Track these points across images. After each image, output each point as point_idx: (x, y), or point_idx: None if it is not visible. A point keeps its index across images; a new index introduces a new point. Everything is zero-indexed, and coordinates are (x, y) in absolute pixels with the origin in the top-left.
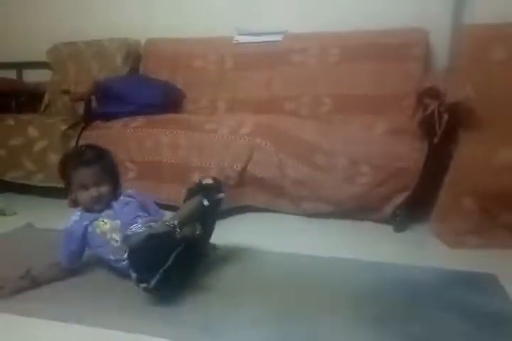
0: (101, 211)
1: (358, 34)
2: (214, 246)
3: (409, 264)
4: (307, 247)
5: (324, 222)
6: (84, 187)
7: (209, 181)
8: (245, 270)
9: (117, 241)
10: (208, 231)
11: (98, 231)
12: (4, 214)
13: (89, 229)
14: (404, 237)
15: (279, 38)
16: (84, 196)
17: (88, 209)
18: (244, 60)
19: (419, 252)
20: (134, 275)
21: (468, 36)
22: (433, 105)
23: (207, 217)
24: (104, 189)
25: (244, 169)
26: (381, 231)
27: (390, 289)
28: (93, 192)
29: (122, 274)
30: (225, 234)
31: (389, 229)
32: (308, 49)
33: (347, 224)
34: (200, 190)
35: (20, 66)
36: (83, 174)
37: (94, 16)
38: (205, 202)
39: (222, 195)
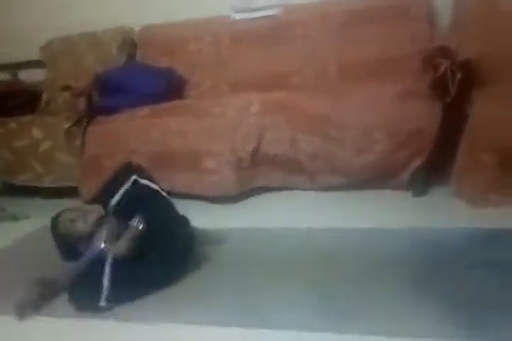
0: None
1: None
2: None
3: (434, 227)
4: (327, 220)
5: (341, 195)
6: None
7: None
8: (270, 248)
9: None
10: (159, 214)
11: None
12: (16, 219)
13: None
14: (424, 201)
15: (277, 11)
16: None
17: None
18: (242, 38)
19: (442, 214)
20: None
21: None
22: (445, 64)
23: (136, 206)
24: None
25: (256, 149)
26: (400, 197)
27: (419, 253)
28: None
29: None
30: (245, 216)
31: (407, 195)
32: (308, 19)
33: (364, 194)
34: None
35: (15, 67)
36: None
37: (84, 9)
38: (113, 201)
39: (132, 178)
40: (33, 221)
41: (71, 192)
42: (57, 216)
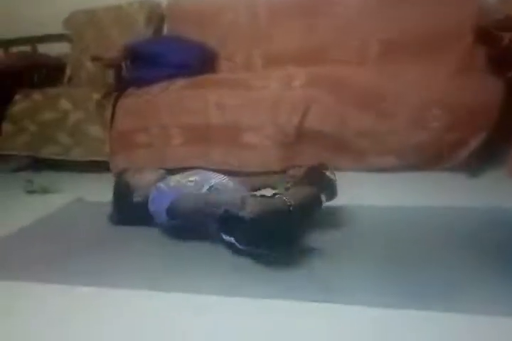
0: None
1: None
2: None
3: (494, 207)
4: (388, 199)
5: (394, 176)
6: None
7: (333, 177)
8: (338, 227)
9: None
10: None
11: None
12: (46, 191)
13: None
14: (480, 182)
15: None
16: None
17: None
18: (279, 9)
19: (501, 194)
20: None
21: None
22: (508, 36)
23: (311, 212)
24: None
25: (301, 124)
26: (454, 178)
27: (486, 231)
28: None
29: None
30: None
31: (461, 175)
32: None
33: (418, 175)
34: (323, 184)
35: (33, 40)
36: None
37: None
38: (323, 199)
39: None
40: (64, 194)
41: (99, 166)
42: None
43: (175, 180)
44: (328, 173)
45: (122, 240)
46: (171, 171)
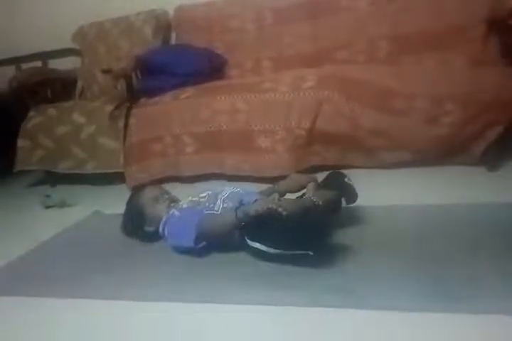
0: None
1: None
2: None
3: None
4: (407, 198)
5: (410, 171)
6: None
7: (351, 183)
8: (359, 228)
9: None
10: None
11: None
12: (65, 206)
13: None
14: (499, 175)
15: None
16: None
17: None
18: (284, 12)
19: None
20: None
21: None
22: None
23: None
24: None
25: (313, 125)
26: (472, 172)
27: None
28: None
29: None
30: None
31: (479, 169)
32: None
33: (433, 170)
34: (342, 187)
35: (44, 56)
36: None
37: None
38: (344, 203)
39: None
40: (82, 207)
41: (115, 178)
42: (142, 190)
43: (187, 200)
44: (346, 179)
45: (142, 252)
46: (186, 179)
